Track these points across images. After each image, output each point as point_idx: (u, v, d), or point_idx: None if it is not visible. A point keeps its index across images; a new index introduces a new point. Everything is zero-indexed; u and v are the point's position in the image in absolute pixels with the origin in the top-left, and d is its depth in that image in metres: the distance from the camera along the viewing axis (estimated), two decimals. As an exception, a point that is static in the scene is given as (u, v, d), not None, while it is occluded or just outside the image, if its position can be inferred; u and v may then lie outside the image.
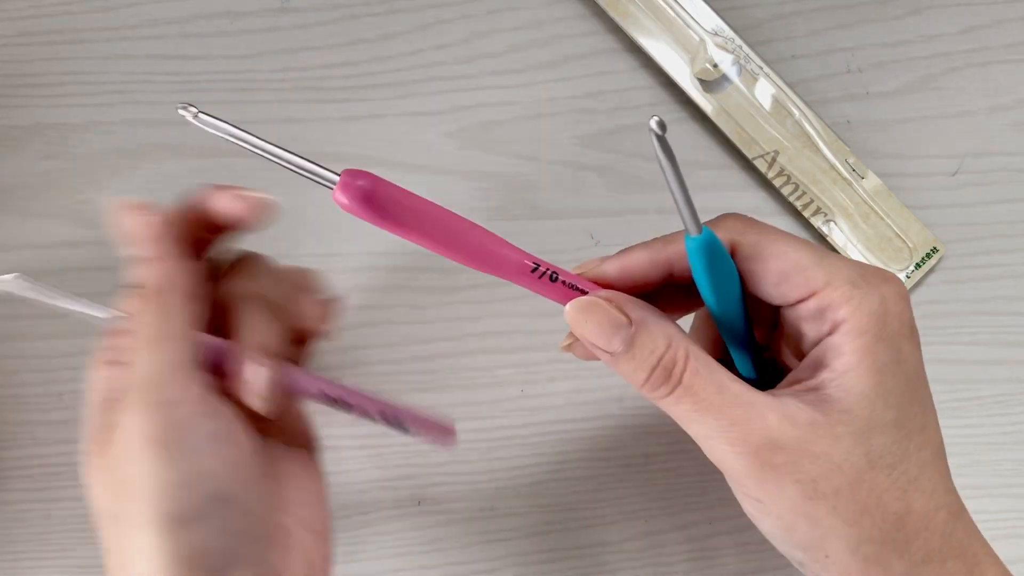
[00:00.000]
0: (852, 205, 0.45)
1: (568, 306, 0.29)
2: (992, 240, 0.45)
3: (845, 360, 0.28)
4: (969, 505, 0.30)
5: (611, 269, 0.31)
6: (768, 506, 0.28)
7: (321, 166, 0.27)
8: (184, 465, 0.28)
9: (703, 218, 0.30)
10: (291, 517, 0.32)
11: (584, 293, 0.30)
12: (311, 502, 0.33)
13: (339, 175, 0.27)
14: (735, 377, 0.29)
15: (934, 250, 0.44)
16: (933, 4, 0.46)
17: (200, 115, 0.28)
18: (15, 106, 0.45)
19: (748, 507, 0.30)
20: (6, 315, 0.44)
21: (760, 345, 0.34)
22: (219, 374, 0.31)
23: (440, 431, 0.36)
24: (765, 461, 0.28)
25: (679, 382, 0.28)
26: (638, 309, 0.29)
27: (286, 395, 0.32)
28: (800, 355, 0.31)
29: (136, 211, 0.31)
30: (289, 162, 0.28)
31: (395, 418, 0.34)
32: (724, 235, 0.30)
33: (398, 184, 0.28)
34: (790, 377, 0.30)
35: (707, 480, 0.44)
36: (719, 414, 0.28)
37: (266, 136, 0.46)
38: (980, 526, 0.31)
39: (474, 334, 0.44)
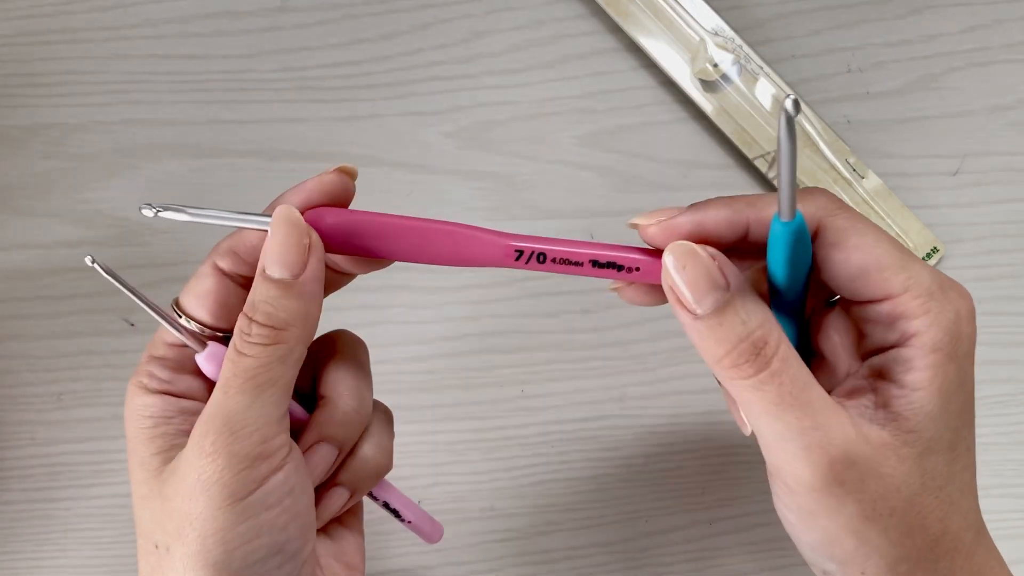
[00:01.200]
0: (852, 205, 0.45)
1: (668, 249, 0.27)
2: (992, 240, 0.45)
3: (916, 377, 0.27)
4: (969, 505, 0.30)
5: (685, 222, 0.28)
6: (819, 520, 0.27)
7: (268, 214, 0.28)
8: (252, 520, 0.27)
9: None
10: (331, 551, 0.32)
11: (577, 266, 0.29)
12: (349, 535, 0.33)
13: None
14: (816, 382, 0.27)
15: (934, 250, 0.44)
16: (933, 4, 0.46)
17: (160, 213, 0.28)
18: (15, 106, 0.45)
19: (791, 516, 0.28)
20: (6, 315, 0.44)
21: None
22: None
23: (430, 528, 0.37)
24: (836, 475, 0.26)
25: (767, 365, 0.26)
26: (739, 278, 0.27)
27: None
28: (850, 349, 0.30)
29: (299, 229, 0.28)
30: (255, 223, 0.28)
31: (394, 507, 0.35)
32: (811, 211, 0.28)
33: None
34: (847, 386, 0.29)
35: (707, 480, 0.44)
36: (802, 413, 0.26)
37: (266, 136, 0.46)
38: (980, 526, 0.31)
39: (474, 334, 0.44)
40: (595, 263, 0.28)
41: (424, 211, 0.45)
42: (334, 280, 0.31)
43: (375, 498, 0.36)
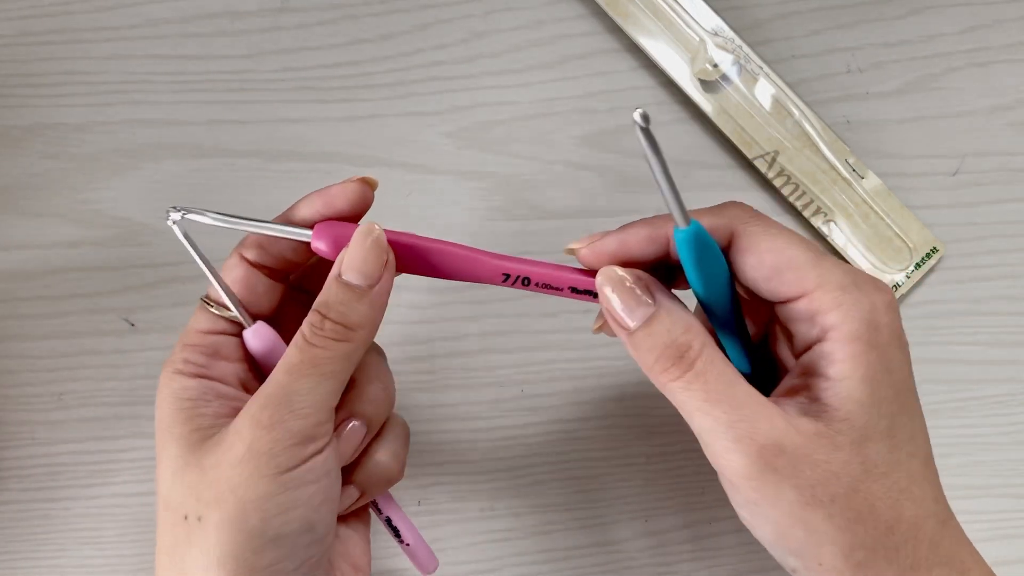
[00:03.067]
0: (852, 205, 0.45)
1: (599, 273, 0.30)
2: (992, 240, 0.45)
3: (838, 368, 0.28)
4: (969, 505, 0.30)
5: (611, 243, 0.31)
6: (764, 510, 0.28)
7: (295, 225, 0.32)
8: (290, 492, 0.29)
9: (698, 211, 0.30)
10: (338, 549, 0.34)
11: (558, 290, 0.32)
12: (357, 537, 0.35)
13: (311, 228, 0.31)
14: (744, 380, 0.29)
15: (934, 250, 0.44)
16: (933, 4, 0.46)
17: (187, 215, 0.31)
18: (15, 106, 0.45)
19: (744, 512, 0.30)
20: (6, 315, 0.44)
21: (753, 340, 0.34)
22: None
23: (426, 558, 0.38)
24: (767, 463, 0.28)
25: (691, 367, 0.28)
26: (663, 293, 0.30)
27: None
28: (793, 352, 0.31)
29: (382, 248, 0.30)
30: (277, 231, 0.31)
31: (395, 525, 0.37)
32: (724, 222, 0.30)
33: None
34: (785, 384, 0.30)
35: (707, 480, 0.44)
36: (728, 407, 0.28)
37: (266, 136, 0.46)
38: (980, 526, 0.31)
39: (474, 334, 0.44)
40: (574, 289, 0.32)
41: (424, 211, 0.45)
42: None
43: (379, 511, 0.36)
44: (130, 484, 0.43)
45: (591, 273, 0.31)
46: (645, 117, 0.24)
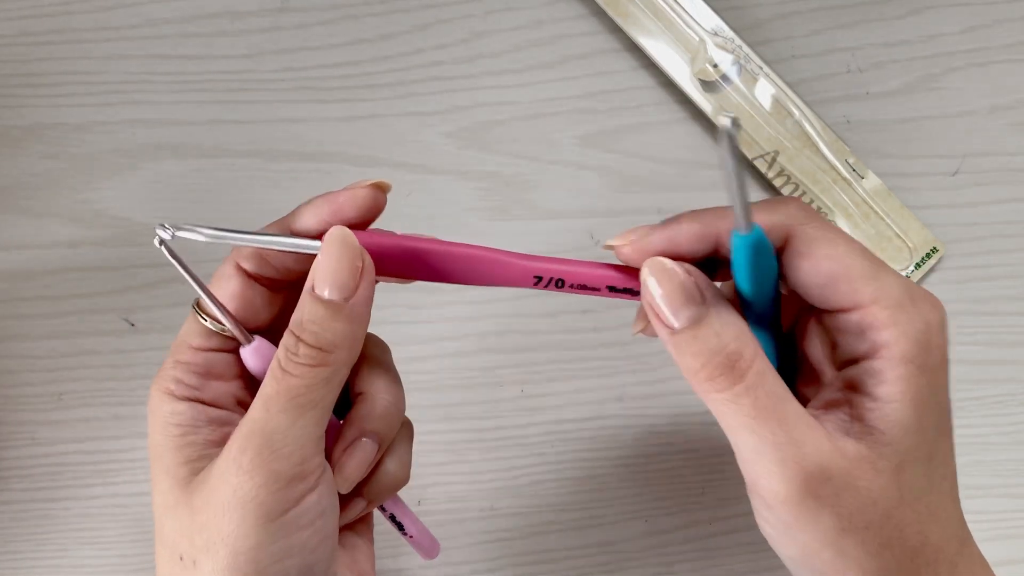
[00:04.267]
0: (852, 205, 0.45)
1: (645, 264, 0.28)
2: (992, 240, 0.45)
3: (887, 389, 0.26)
4: (969, 505, 0.30)
5: (658, 241, 0.28)
6: (795, 534, 0.27)
7: (299, 236, 0.29)
8: (284, 540, 0.27)
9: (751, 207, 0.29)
10: (344, 560, 0.32)
11: (595, 290, 0.30)
12: (361, 543, 0.33)
13: (320, 239, 0.28)
14: (792, 396, 0.27)
15: (934, 250, 0.44)
16: (933, 4, 0.46)
17: (178, 233, 0.28)
18: (15, 106, 0.45)
19: (769, 529, 0.28)
20: (6, 315, 0.44)
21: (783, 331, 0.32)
22: None
23: (429, 544, 0.37)
24: (811, 489, 0.26)
25: (741, 379, 0.26)
26: (714, 292, 0.27)
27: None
28: (829, 358, 0.30)
29: (353, 252, 0.27)
30: (277, 244, 0.28)
31: (399, 520, 0.36)
32: (781, 220, 0.28)
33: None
34: (824, 397, 0.29)
35: (707, 480, 0.44)
36: (777, 427, 0.26)
37: (266, 136, 0.46)
38: (980, 526, 0.31)
39: (474, 334, 0.44)
40: (612, 288, 0.29)
41: (424, 211, 0.45)
42: None
43: (383, 509, 0.36)
44: (130, 484, 0.43)
45: (632, 270, 0.29)
46: (735, 123, 0.23)
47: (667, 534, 0.44)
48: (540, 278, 0.29)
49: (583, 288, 0.30)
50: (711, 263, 0.30)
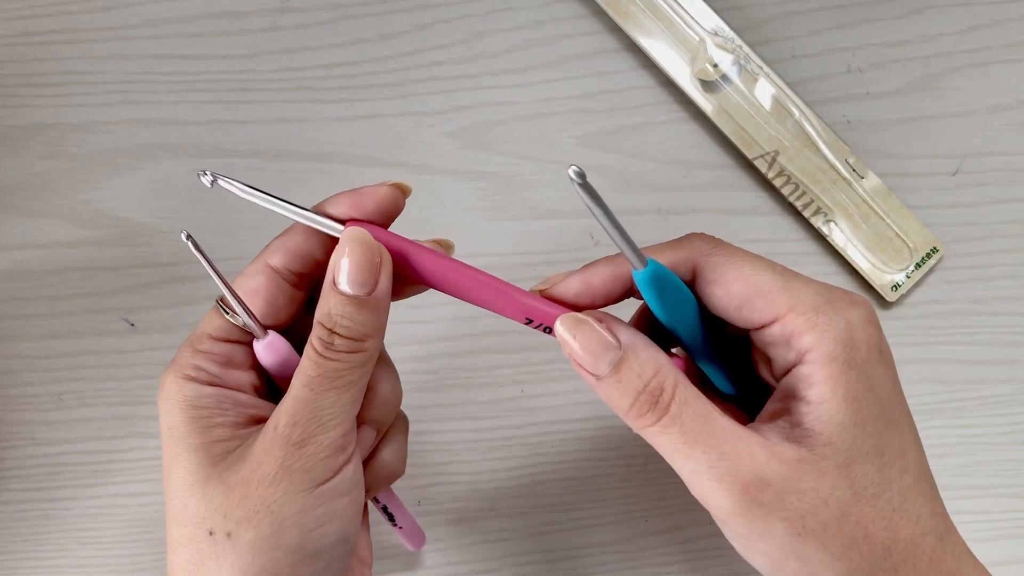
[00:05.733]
0: (852, 205, 0.45)
1: (557, 321, 0.29)
2: (992, 240, 0.45)
3: (818, 390, 0.28)
4: (969, 505, 0.30)
5: (574, 284, 0.31)
6: (755, 544, 0.28)
7: (328, 216, 0.30)
8: (327, 505, 0.29)
9: (684, 223, 0.30)
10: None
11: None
12: (362, 536, 0.35)
13: (344, 224, 0.30)
14: (721, 411, 0.28)
15: (934, 250, 0.44)
16: (933, 4, 0.46)
17: (218, 181, 0.30)
18: (15, 106, 0.45)
19: (737, 545, 0.29)
20: (6, 315, 0.44)
21: (734, 361, 0.33)
22: None
23: (416, 535, 0.39)
24: (752, 498, 0.27)
25: (666, 411, 0.28)
26: (628, 333, 0.29)
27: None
28: (771, 373, 0.31)
29: (371, 250, 0.29)
30: (304, 217, 0.30)
31: (390, 511, 0.38)
32: (687, 255, 0.30)
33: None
34: (768, 409, 0.30)
35: (707, 480, 0.44)
36: (707, 447, 0.27)
37: (266, 136, 0.46)
38: (980, 526, 0.31)
39: (474, 334, 0.44)
40: None
41: (424, 211, 0.45)
42: None
43: (377, 501, 0.37)
44: (130, 484, 0.43)
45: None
46: (580, 174, 0.24)
47: (667, 534, 0.44)
48: (531, 320, 0.30)
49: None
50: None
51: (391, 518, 0.37)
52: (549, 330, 0.30)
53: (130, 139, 0.45)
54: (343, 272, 0.29)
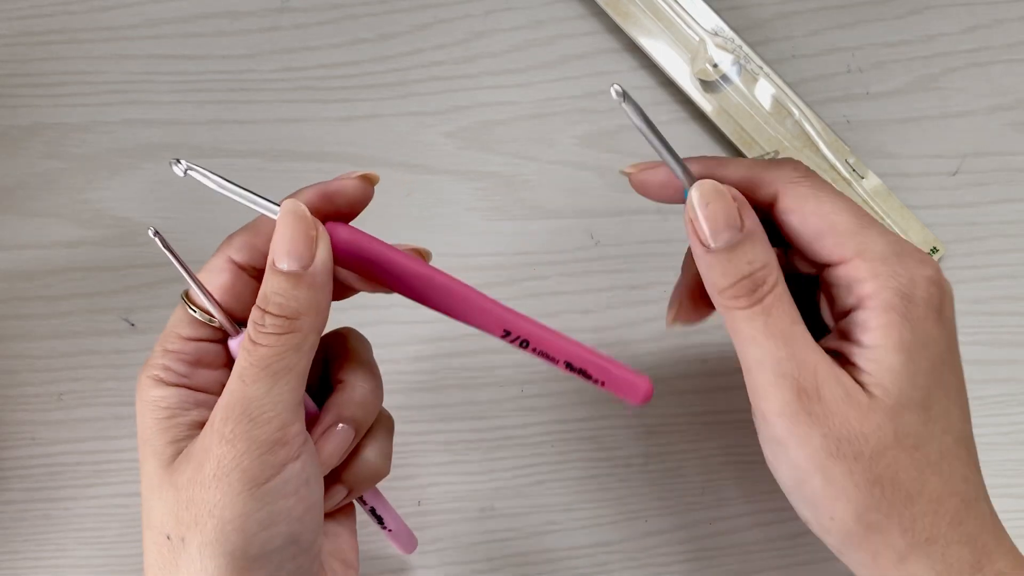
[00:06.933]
0: (852, 205, 0.45)
1: (696, 184, 0.29)
2: (992, 240, 0.45)
3: (872, 336, 0.28)
4: (969, 505, 0.30)
5: (662, 172, 0.31)
6: (788, 451, 0.29)
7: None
8: (271, 506, 0.28)
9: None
10: (328, 548, 0.33)
11: (555, 361, 0.31)
12: (345, 533, 0.34)
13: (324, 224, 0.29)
14: (804, 326, 0.29)
15: (934, 250, 0.44)
16: (933, 4, 0.46)
17: (189, 171, 0.30)
18: (15, 106, 0.45)
19: (768, 451, 0.30)
20: (6, 315, 0.44)
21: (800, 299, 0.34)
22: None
23: (407, 539, 0.39)
24: (803, 405, 0.28)
25: (760, 300, 0.29)
26: (753, 221, 0.29)
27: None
28: (831, 311, 0.31)
29: (305, 222, 0.29)
30: (269, 210, 0.29)
31: (379, 514, 0.37)
32: (772, 178, 0.30)
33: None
34: (823, 345, 0.30)
35: (707, 480, 0.44)
36: (783, 343, 0.28)
37: (266, 136, 0.46)
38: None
39: (474, 334, 0.44)
40: (568, 365, 0.31)
41: (424, 211, 0.45)
42: (339, 291, 0.32)
43: (364, 502, 0.36)
44: (130, 484, 0.43)
45: (588, 351, 0.31)
46: (620, 92, 0.25)
47: (667, 534, 0.44)
48: (509, 332, 0.31)
49: (543, 355, 0.31)
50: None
51: (380, 520, 0.37)
52: (527, 344, 0.31)
53: (130, 139, 0.45)
54: (277, 247, 0.28)
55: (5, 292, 0.44)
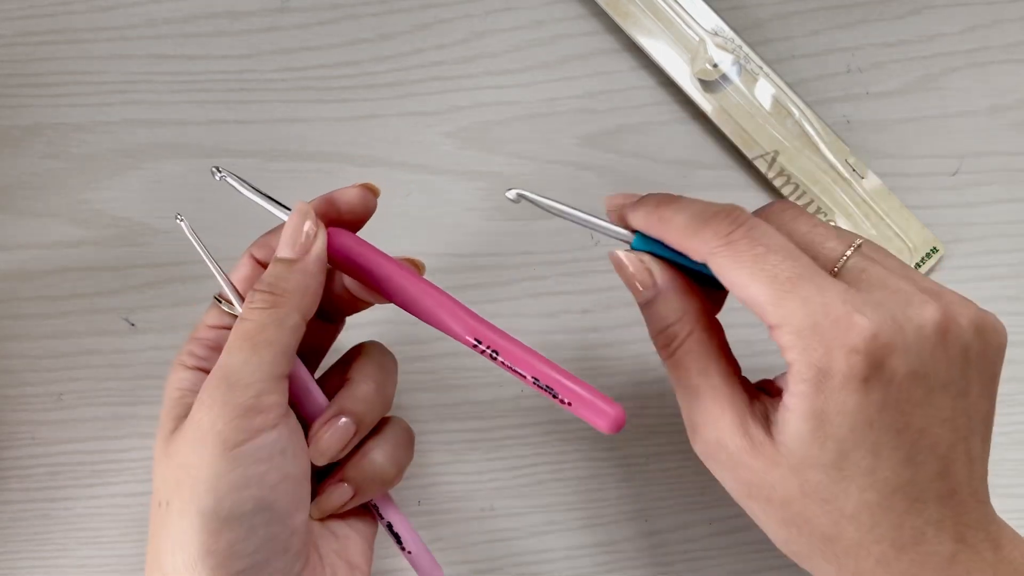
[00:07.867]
0: (852, 205, 0.45)
1: (612, 253, 0.33)
2: (992, 240, 0.45)
3: (788, 398, 0.29)
4: (969, 505, 0.30)
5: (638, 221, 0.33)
6: (720, 483, 0.32)
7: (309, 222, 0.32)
8: (243, 468, 0.29)
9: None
10: (333, 546, 0.34)
11: (523, 377, 0.32)
12: (355, 536, 0.35)
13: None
14: (729, 372, 0.31)
15: (934, 250, 0.44)
16: (933, 4, 0.46)
17: (225, 178, 0.33)
18: (15, 106, 0.45)
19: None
20: (6, 315, 0.44)
21: None
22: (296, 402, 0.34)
23: (429, 567, 0.38)
24: (710, 453, 0.31)
25: (672, 354, 0.32)
26: (666, 278, 0.32)
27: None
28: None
29: (307, 219, 0.31)
30: (276, 210, 0.33)
31: (396, 531, 0.37)
32: (702, 242, 0.30)
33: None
34: (779, 380, 0.32)
35: (707, 480, 0.44)
36: (686, 396, 0.31)
37: (266, 136, 0.46)
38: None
39: (474, 334, 0.44)
40: (536, 381, 0.32)
41: (424, 211, 0.45)
42: (351, 304, 0.35)
43: (380, 516, 0.36)
44: (130, 484, 0.43)
45: (559, 370, 0.32)
46: (517, 195, 0.30)
47: (667, 534, 0.44)
48: (479, 342, 0.32)
49: (511, 369, 0.32)
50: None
51: (397, 539, 0.36)
52: (496, 355, 0.32)
53: (130, 139, 0.45)
54: (281, 240, 0.31)
55: (5, 292, 0.44)
